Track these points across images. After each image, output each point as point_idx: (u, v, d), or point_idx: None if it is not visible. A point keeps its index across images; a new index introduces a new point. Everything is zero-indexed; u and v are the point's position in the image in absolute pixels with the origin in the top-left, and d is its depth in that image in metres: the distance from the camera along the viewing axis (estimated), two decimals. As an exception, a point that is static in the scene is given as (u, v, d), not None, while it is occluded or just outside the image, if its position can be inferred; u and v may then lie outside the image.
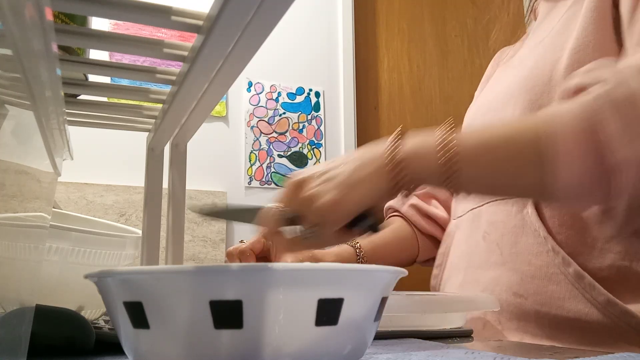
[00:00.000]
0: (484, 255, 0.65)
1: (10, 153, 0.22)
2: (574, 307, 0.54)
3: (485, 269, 0.64)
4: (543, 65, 0.60)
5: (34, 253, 0.31)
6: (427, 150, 0.47)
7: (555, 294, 0.56)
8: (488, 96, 0.75)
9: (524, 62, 0.66)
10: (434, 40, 2.28)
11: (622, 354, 0.33)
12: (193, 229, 1.71)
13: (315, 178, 0.49)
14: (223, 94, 0.40)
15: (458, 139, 0.46)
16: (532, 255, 0.58)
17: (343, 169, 0.49)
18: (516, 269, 0.60)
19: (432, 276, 0.78)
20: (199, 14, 0.31)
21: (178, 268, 0.25)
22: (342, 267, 0.27)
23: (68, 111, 0.49)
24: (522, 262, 0.59)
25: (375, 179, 0.48)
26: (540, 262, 0.57)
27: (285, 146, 1.95)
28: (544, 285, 0.57)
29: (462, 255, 0.70)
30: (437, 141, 0.47)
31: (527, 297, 0.58)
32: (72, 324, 0.37)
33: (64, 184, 1.59)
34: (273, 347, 0.25)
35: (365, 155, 0.49)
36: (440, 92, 2.24)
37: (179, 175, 0.54)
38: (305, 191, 0.49)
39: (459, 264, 0.70)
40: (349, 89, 2.06)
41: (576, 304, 0.54)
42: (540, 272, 0.57)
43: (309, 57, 2.03)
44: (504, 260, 0.61)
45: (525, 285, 0.58)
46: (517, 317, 0.59)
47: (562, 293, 0.55)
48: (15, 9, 0.17)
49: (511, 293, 0.60)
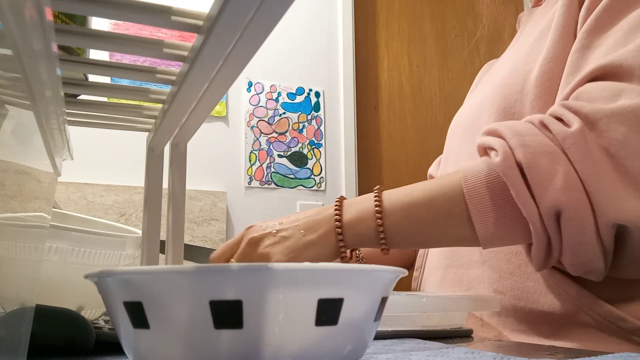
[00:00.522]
0: (465, 255, 0.68)
1: (10, 153, 0.22)
2: (549, 300, 0.57)
3: (467, 268, 0.67)
4: (516, 75, 0.62)
5: (34, 253, 0.31)
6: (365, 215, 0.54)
7: (531, 289, 0.59)
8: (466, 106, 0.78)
9: (500, 72, 0.69)
10: (434, 40, 2.28)
11: (622, 354, 0.33)
12: (193, 229, 1.71)
13: (270, 236, 0.55)
14: (223, 94, 0.40)
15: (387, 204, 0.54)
16: (512, 254, 0.61)
17: (293, 232, 0.54)
18: (495, 267, 0.62)
19: (413, 279, 0.81)
20: (199, 14, 0.31)
21: (178, 268, 0.25)
22: (342, 267, 0.27)
23: (68, 111, 0.49)
24: (501, 260, 0.62)
25: (324, 242, 0.54)
26: (519, 261, 0.60)
27: (285, 146, 1.95)
28: (521, 282, 0.60)
29: (442, 255, 0.72)
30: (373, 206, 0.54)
31: (506, 292, 0.61)
32: (72, 324, 0.37)
33: (64, 184, 1.59)
34: (273, 347, 0.25)
35: (313, 219, 0.55)
36: (440, 92, 2.24)
37: (179, 175, 0.54)
38: (259, 248, 0.54)
39: (439, 264, 0.73)
40: (349, 89, 2.06)
41: (551, 298, 0.57)
42: (519, 270, 0.60)
43: (309, 57, 2.03)
44: (483, 259, 0.64)
45: (503, 281, 0.61)
46: (498, 313, 0.62)
47: (539, 288, 0.58)
48: (15, 9, 0.17)
49: (492, 290, 0.62)
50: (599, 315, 0.53)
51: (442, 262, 0.72)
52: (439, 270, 0.72)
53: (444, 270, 0.71)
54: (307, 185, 1.95)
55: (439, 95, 2.23)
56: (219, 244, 1.74)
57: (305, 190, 1.95)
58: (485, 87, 0.74)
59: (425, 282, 0.77)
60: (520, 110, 0.60)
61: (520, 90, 0.61)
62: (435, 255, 0.74)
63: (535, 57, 0.61)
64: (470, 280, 0.66)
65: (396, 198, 0.54)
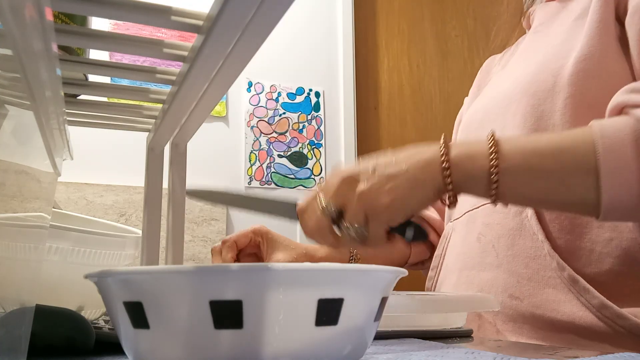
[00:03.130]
0: (478, 257, 0.65)
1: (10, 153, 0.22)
2: (569, 310, 0.54)
3: (479, 270, 0.64)
4: (546, 72, 0.60)
5: (34, 253, 0.31)
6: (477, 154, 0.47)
7: (550, 297, 0.56)
8: (483, 101, 0.75)
9: (525, 69, 0.66)
10: (434, 40, 2.27)
11: (622, 353, 0.33)
12: (193, 229, 1.71)
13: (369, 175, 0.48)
14: (223, 94, 0.40)
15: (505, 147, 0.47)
16: (529, 258, 0.58)
17: (398, 169, 0.48)
18: (512, 271, 0.60)
19: (428, 278, 0.78)
20: (199, 14, 0.31)
21: (178, 268, 0.25)
22: (342, 267, 0.27)
23: (68, 111, 0.49)
24: (518, 264, 0.59)
25: (429, 180, 0.48)
26: (537, 265, 0.58)
27: (285, 146, 1.95)
28: (540, 288, 0.57)
29: (457, 257, 0.70)
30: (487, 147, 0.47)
31: (523, 299, 0.58)
32: (72, 324, 0.37)
33: (64, 184, 1.59)
34: (273, 347, 0.25)
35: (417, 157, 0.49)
36: (440, 92, 2.24)
37: (179, 175, 0.54)
38: (360, 187, 0.48)
39: (454, 266, 0.71)
40: (349, 89, 2.06)
41: (571, 307, 0.54)
42: (537, 275, 0.57)
43: (309, 57, 2.03)
44: (499, 262, 0.62)
45: (521, 287, 0.58)
46: (513, 319, 0.59)
47: (558, 296, 0.56)
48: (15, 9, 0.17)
49: (507, 295, 0.60)
50: (622, 328, 0.51)
51: (457, 265, 0.69)
52: (455, 273, 0.70)
53: (459, 272, 0.69)
54: (307, 185, 1.95)
55: (439, 95, 2.23)
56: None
57: (306, 191, 1.95)
58: (503, 83, 0.71)
59: (441, 284, 0.74)
60: (550, 108, 0.58)
61: (552, 88, 0.59)
62: (452, 257, 0.72)
63: (566, 53, 0.59)
64: (481, 284, 0.64)
65: (516, 143, 0.48)
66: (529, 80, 0.62)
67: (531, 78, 0.62)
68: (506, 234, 0.62)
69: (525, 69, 0.66)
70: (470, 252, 0.67)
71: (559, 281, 0.56)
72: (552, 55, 0.61)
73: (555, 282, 0.56)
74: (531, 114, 0.60)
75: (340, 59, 2.08)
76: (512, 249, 0.61)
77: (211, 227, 1.74)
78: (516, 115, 0.62)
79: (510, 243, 0.61)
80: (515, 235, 0.61)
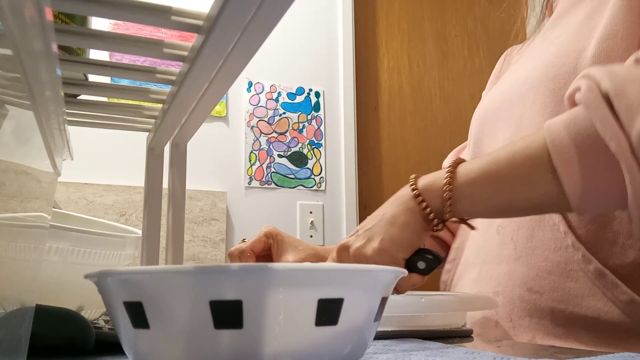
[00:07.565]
0: (497, 250, 0.63)
1: (10, 153, 0.22)
2: (593, 305, 0.53)
3: (497, 264, 0.63)
4: (567, 54, 0.58)
5: (34, 253, 0.31)
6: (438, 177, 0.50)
7: (573, 291, 0.54)
8: (501, 88, 0.72)
9: (544, 53, 0.63)
10: (434, 40, 2.27)
11: (622, 353, 0.33)
12: (193, 229, 1.71)
13: (356, 235, 0.53)
14: (223, 94, 0.40)
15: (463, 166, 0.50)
16: (550, 250, 0.57)
17: (377, 216, 0.52)
18: (531, 264, 0.58)
19: (444, 271, 0.76)
20: (199, 14, 0.31)
21: (178, 268, 0.25)
22: (342, 267, 0.27)
23: (68, 111, 0.49)
24: (538, 257, 0.58)
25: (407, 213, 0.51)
26: (558, 258, 0.56)
27: (285, 146, 1.95)
28: (561, 282, 0.55)
29: (477, 250, 0.68)
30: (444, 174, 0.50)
31: (543, 293, 0.56)
32: (72, 324, 0.37)
33: (64, 184, 1.59)
34: (273, 347, 0.25)
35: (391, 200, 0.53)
36: (440, 92, 2.24)
37: (179, 175, 0.54)
38: (351, 248, 0.52)
39: (474, 260, 0.69)
40: (349, 89, 2.06)
41: (596, 302, 0.53)
42: (558, 268, 0.56)
43: (309, 57, 2.03)
44: (518, 254, 0.60)
45: (541, 281, 0.57)
46: (530, 313, 0.57)
47: (581, 290, 0.54)
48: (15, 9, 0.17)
49: (526, 289, 0.58)
50: None
51: (478, 259, 0.67)
52: (475, 267, 0.68)
53: (480, 266, 0.67)
54: (307, 185, 1.95)
55: (439, 95, 2.23)
56: (219, 244, 1.73)
57: (306, 190, 1.94)
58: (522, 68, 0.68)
59: (460, 278, 0.72)
60: None
61: (573, 70, 0.56)
62: (473, 250, 0.70)
63: (588, 34, 0.57)
64: (499, 277, 0.62)
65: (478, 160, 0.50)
66: (548, 63, 0.60)
67: (551, 61, 0.60)
68: (525, 226, 0.60)
69: (545, 53, 0.63)
70: (490, 245, 0.65)
71: (582, 274, 0.54)
72: (574, 37, 0.59)
73: (578, 275, 0.54)
74: (551, 99, 0.58)
75: (340, 58, 2.08)
76: (531, 241, 0.59)
77: (211, 227, 1.74)
78: (535, 101, 0.60)
79: (529, 235, 0.59)
80: (534, 227, 0.59)
